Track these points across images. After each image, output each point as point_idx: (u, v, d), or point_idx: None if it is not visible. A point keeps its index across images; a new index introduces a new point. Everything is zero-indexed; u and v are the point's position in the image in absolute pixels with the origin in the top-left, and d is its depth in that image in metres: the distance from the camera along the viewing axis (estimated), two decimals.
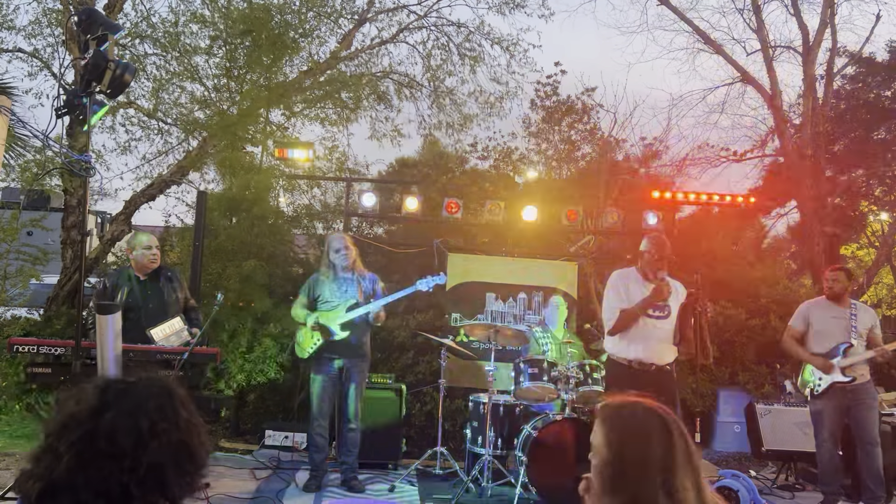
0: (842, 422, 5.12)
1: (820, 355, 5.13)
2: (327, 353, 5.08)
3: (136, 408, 1.30)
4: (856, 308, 5.24)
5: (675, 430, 1.60)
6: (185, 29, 8.09)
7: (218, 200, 7.05)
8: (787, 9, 10.81)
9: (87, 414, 1.28)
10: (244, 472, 5.44)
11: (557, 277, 7.20)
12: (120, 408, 1.29)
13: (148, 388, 1.35)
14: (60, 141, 4.79)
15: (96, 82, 3.32)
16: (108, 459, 1.23)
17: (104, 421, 1.27)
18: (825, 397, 5.12)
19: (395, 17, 9.20)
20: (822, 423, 5.12)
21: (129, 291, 4.78)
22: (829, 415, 5.09)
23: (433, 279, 5.24)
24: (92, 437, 1.25)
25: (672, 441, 1.57)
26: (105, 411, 1.28)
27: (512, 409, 5.40)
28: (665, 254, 4.43)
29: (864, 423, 5.02)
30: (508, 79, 9.48)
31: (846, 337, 5.11)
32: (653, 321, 4.43)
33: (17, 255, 7.07)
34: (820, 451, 5.15)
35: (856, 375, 5.05)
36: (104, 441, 1.25)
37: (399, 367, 6.89)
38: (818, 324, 5.23)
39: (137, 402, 1.31)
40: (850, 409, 5.07)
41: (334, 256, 5.18)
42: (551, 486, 4.61)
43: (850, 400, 5.07)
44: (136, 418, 1.29)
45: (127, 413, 1.29)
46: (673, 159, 10.63)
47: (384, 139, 9.32)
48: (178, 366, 4.23)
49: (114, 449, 1.24)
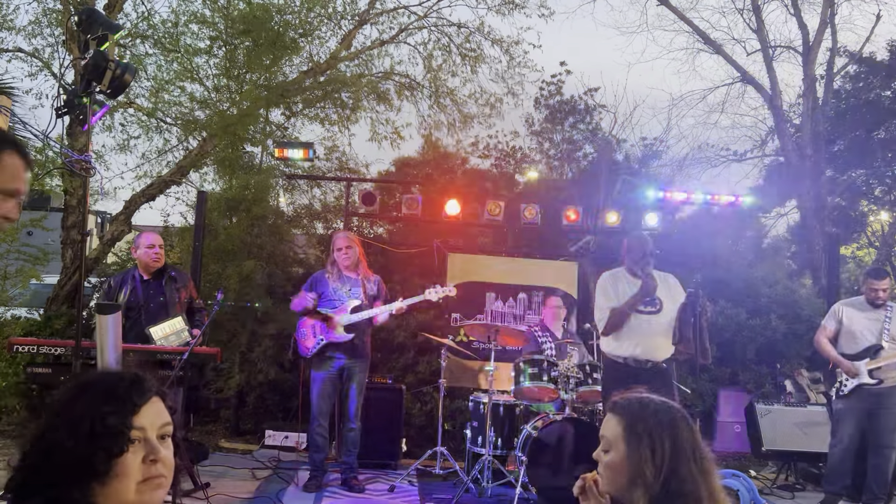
0: (861, 425, 5.03)
1: (849, 357, 5.05)
2: (329, 352, 5.09)
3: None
4: (891, 311, 5.09)
5: (690, 420, 1.66)
6: (185, 29, 8.09)
7: (218, 200, 7.05)
8: (787, 9, 10.83)
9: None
10: (244, 472, 5.44)
11: (557, 277, 7.20)
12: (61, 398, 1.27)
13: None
14: (60, 141, 4.79)
15: (96, 82, 3.31)
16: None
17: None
18: (850, 398, 5.06)
19: (397, 18, 9.21)
20: (842, 423, 5.07)
21: (132, 290, 4.78)
22: (852, 416, 5.03)
23: (443, 290, 5.21)
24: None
25: (693, 431, 1.62)
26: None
27: (512, 409, 5.40)
28: (648, 249, 4.49)
29: (882, 428, 4.95)
30: (509, 79, 9.50)
31: (877, 339, 5.01)
32: (645, 317, 4.43)
33: (17, 255, 7.06)
34: (833, 450, 5.10)
35: (884, 378, 4.96)
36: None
37: (399, 367, 6.89)
38: (850, 324, 5.12)
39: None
40: (871, 413, 4.99)
41: (337, 255, 5.19)
42: (551, 486, 4.61)
43: (874, 403, 4.99)
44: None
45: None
46: (673, 159, 10.65)
47: (384, 140, 9.33)
48: (178, 366, 4.23)
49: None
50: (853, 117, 11.08)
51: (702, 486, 1.55)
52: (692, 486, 1.54)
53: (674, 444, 1.57)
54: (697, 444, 1.61)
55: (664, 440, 1.57)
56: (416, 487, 5.33)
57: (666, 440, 1.57)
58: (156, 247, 4.85)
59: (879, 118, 11.00)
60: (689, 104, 12.03)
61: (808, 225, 9.81)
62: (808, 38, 10.48)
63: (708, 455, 1.62)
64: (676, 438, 1.58)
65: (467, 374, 6.84)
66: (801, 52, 10.61)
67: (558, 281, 7.15)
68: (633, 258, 4.53)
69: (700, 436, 1.64)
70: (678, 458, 1.56)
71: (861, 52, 11.04)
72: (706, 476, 1.57)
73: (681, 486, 1.54)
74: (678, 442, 1.58)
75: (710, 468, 1.59)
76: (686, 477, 1.55)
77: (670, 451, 1.56)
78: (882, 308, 5.10)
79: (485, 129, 9.72)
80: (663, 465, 1.55)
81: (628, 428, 1.61)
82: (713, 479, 1.59)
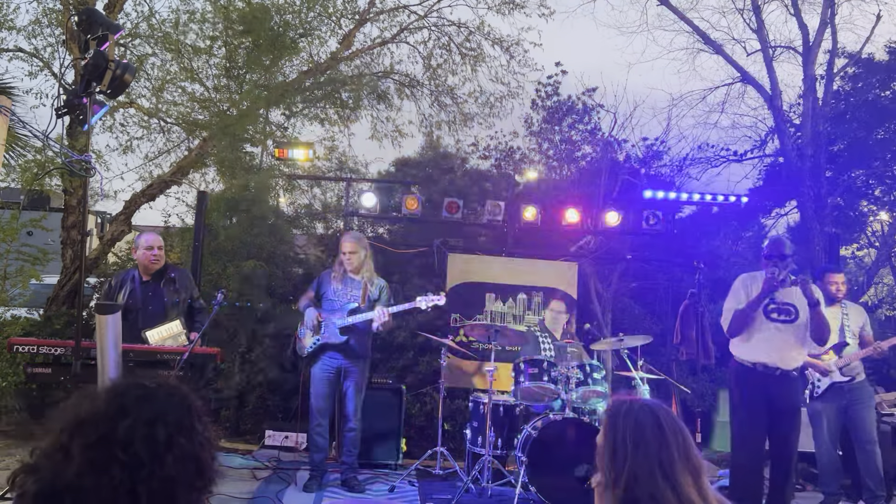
0: (839, 422, 5.13)
1: (815, 356, 5.11)
2: (325, 353, 5.10)
3: (154, 417, 1.25)
4: (846, 307, 5.26)
5: (667, 426, 1.62)
6: (186, 28, 8.08)
7: (218, 200, 7.06)
8: (787, 9, 10.82)
9: (104, 417, 1.23)
10: (244, 472, 5.44)
11: (557, 277, 7.20)
12: (139, 415, 1.24)
13: (168, 397, 1.31)
14: (60, 141, 4.79)
15: (96, 82, 3.31)
16: (121, 467, 1.19)
17: (122, 427, 1.22)
18: (825, 398, 5.14)
19: (397, 17, 9.21)
20: (821, 424, 5.13)
21: (131, 292, 4.77)
22: (829, 416, 5.11)
23: (434, 298, 5.18)
24: (108, 441, 1.20)
25: (664, 435, 1.59)
26: (123, 417, 1.23)
27: (512, 409, 5.40)
28: (782, 251, 4.32)
29: (861, 423, 5.04)
30: (510, 79, 9.49)
31: (840, 336, 5.12)
32: (777, 325, 4.33)
33: (17, 255, 7.06)
34: (819, 451, 5.16)
35: (854, 375, 5.08)
36: (120, 448, 1.20)
37: (399, 367, 6.89)
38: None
39: (157, 412, 1.26)
40: (847, 408, 5.09)
41: (341, 257, 5.20)
42: (551, 486, 4.61)
43: (848, 400, 5.09)
44: (155, 428, 1.24)
45: (145, 422, 1.24)
46: (673, 159, 10.64)
47: (385, 139, 9.33)
48: (177, 366, 4.22)
49: (129, 457, 1.20)
50: (853, 117, 11.07)
51: (669, 494, 1.52)
52: (657, 492, 1.52)
53: (636, 448, 1.56)
54: (666, 450, 1.57)
55: (627, 442, 1.57)
56: (416, 487, 5.33)
57: (629, 443, 1.57)
58: (154, 248, 4.81)
59: (879, 118, 10.99)
60: (689, 104, 12.02)
61: (808, 225, 9.80)
62: (808, 38, 10.47)
63: (682, 464, 1.57)
64: (639, 442, 1.57)
65: (467, 374, 6.83)
66: (801, 53, 10.60)
67: (558, 281, 7.14)
68: (771, 258, 4.36)
69: (685, 441, 1.60)
70: (638, 462, 1.55)
71: (861, 52, 11.04)
72: (676, 486, 1.53)
73: (643, 491, 1.52)
74: (641, 446, 1.57)
75: (680, 478, 1.54)
76: (648, 482, 1.53)
77: (632, 453, 1.56)
78: (838, 305, 5.22)
79: (485, 128, 9.73)
80: (624, 467, 1.55)
81: (608, 422, 1.64)
82: (687, 490, 1.54)
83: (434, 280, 7.20)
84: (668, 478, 1.54)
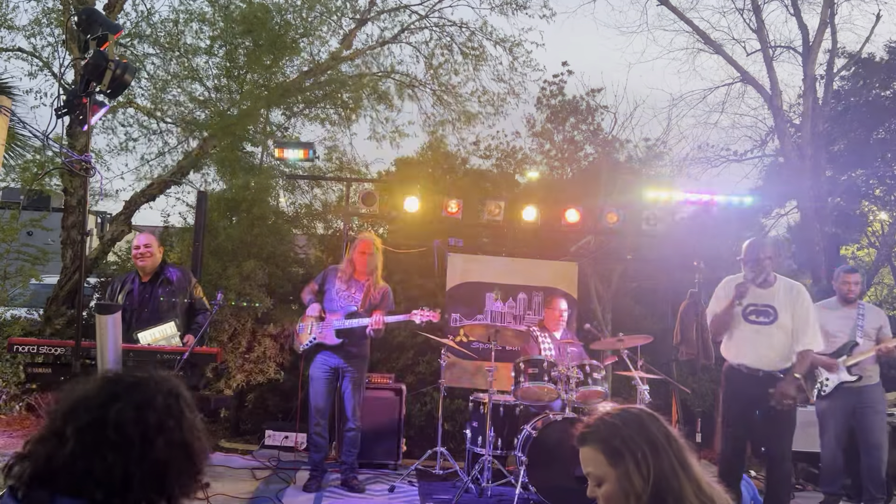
0: (847, 423, 5.07)
1: (825, 355, 5.09)
2: (321, 352, 5.11)
3: (145, 402, 1.31)
4: (863, 308, 5.21)
5: (654, 415, 1.66)
6: (186, 28, 8.08)
7: (218, 200, 7.05)
8: (787, 9, 10.83)
9: (97, 402, 1.29)
10: (244, 472, 5.44)
11: (557, 277, 7.19)
12: (129, 399, 1.30)
13: (157, 385, 1.37)
14: (60, 141, 4.79)
15: (96, 82, 3.31)
16: (113, 449, 1.24)
17: (113, 410, 1.27)
18: (832, 398, 5.10)
19: (398, 17, 9.20)
20: (827, 423, 5.11)
21: (129, 293, 4.78)
22: (835, 416, 5.07)
23: (429, 314, 5.17)
24: (100, 424, 1.26)
25: (660, 422, 1.63)
26: (115, 401, 1.29)
27: (512, 409, 5.40)
28: (759, 254, 4.36)
29: (869, 427, 4.98)
30: (511, 79, 9.49)
31: (852, 336, 5.10)
32: (756, 326, 4.36)
33: (17, 255, 7.06)
34: (823, 451, 5.13)
35: (862, 374, 5.01)
36: (112, 430, 1.25)
37: (399, 367, 6.89)
38: (824, 325, 5.11)
39: (146, 397, 1.32)
40: (855, 410, 5.04)
41: (354, 255, 5.22)
42: (551, 486, 4.61)
43: (857, 402, 5.03)
44: (145, 412, 1.30)
45: (136, 406, 1.30)
46: (673, 159, 10.64)
47: (384, 140, 9.32)
48: (177, 366, 4.22)
49: (121, 439, 1.25)
50: (853, 117, 11.07)
51: (684, 479, 1.55)
52: (676, 481, 1.54)
53: (651, 445, 1.57)
54: (669, 434, 1.61)
55: (641, 445, 1.57)
56: (416, 487, 5.33)
57: (643, 444, 1.57)
58: (140, 247, 4.83)
59: (879, 118, 10.99)
60: (690, 104, 12.04)
61: (808, 225, 9.80)
62: (808, 38, 10.48)
63: (682, 443, 1.62)
64: (650, 437, 1.58)
65: (467, 374, 6.83)
66: (801, 53, 10.61)
67: (558, 281, 7.14)
68: (746, 263, 4.41)
69: (667, 423, 1.65)
70: (658, 456, 1.56)
71: (861, 52, 11.04)
72: (686, 468, 1.57)
73: (668, 484, 1.54)
74: (652, 440, 1.58)
75: (687, 458, 1.59)
76: (669, 473, 1.55)
77: (650, 453, 1.56)
78: (853, 305, 5.20)
79: (486, 128, 9.72)
80: (649, 470, 1.55)
81: (607, 451, 1.60)
82: (694, 471, 1.58)
83: (434, 280, 7.20)
84: (681, 463, 1.58)
